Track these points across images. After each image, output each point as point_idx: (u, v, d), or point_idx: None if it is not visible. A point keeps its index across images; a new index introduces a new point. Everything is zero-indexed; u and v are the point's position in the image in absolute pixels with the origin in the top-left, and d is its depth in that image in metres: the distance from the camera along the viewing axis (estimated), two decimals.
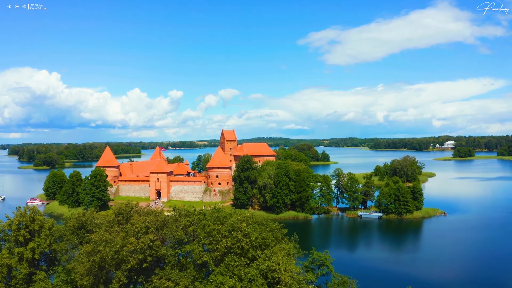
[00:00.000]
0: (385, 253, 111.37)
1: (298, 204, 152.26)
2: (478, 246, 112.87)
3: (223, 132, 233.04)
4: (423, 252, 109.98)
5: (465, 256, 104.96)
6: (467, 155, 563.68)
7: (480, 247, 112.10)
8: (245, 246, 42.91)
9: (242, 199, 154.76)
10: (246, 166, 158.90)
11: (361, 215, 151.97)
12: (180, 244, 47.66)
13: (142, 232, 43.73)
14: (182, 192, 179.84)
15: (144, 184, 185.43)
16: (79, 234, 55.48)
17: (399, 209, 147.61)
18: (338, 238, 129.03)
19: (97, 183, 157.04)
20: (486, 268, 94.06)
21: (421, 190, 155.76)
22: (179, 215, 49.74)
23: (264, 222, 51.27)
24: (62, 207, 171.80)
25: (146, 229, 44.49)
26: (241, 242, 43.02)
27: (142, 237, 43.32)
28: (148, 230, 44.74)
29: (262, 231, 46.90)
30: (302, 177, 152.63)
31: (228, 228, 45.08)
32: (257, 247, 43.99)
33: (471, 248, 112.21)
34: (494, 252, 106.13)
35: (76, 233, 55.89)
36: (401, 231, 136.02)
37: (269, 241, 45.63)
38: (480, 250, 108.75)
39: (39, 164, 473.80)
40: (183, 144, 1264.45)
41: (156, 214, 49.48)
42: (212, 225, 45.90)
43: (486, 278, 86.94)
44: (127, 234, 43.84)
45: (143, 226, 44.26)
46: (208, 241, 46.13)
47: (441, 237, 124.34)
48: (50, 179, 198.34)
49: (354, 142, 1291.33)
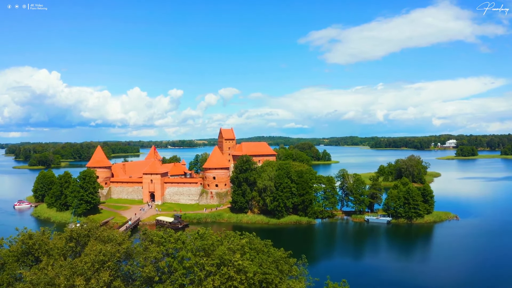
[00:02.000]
0: (394, 262, 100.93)
1: (300, 207, 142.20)
2: (496, 254, 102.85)
3: (221, 131, 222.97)
4: (435, 261, 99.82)
5: (482, 266, 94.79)
6: (470, 154, 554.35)
7: (498, 255, 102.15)
8: (240, 286, 31.94)
9: (241, 202, 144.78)
10: (245, 167, 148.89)
11: (368, 220, 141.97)
12: (150, 284, 36.08)
13: (94, 269, 32.32)
14: (177, 194, 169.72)
15: (137, 185, 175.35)
16: (26, 262, 43.46)
17: (409, 213, 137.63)
18: (343, 245, 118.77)
19: (86, 185, 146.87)
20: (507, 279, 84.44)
21: (431, 192, 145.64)
22: (150, 242, 38.31)
23: (265, 250, 38.94)
24: (50, 210, 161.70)
25: (101, 264, 33.03)
26: (234, 280, 31.98)
27: (94, 276, 31.81)
28: (104, 265, 33.28)
29: (263, 262, 35.19)
30: (304, 178, 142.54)
31: (216, 262, 33.77)
32: (256, 286, 33.00)
33: (489, 256, 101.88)
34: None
35: (21, 260, 43.32)
36: (412, 237, 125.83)
37: (273, 276, 33.71)
38: (499, 259, 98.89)
39: (34, 163, 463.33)
40: (182, 143, 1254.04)
41: (119, 241, 38.08)
42: (194, 257, 35.31)
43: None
44: (73, 273, 31.99)
45: (97, 260, 32.68)
46: (188, 280, 34.52)
47: (455, 244, 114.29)
48: (39, 180, 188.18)
49: (354, 141, 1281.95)
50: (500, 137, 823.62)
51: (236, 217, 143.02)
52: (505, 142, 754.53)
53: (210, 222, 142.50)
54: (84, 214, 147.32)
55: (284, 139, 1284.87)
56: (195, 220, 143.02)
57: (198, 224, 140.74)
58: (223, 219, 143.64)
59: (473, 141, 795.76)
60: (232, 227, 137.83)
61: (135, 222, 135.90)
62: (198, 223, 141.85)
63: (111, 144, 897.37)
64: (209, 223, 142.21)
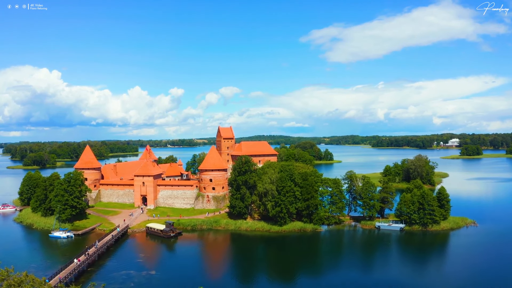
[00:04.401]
0: (408, 276, 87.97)
1: (305, 213, 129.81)
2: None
3: (219, 130, 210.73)
4: (456, 275, 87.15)
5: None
6: (475, 154, 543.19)
7: None
8: None
9: (239, 207, 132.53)
10: (244, 169, 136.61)
11: (379, 226, 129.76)
12: None
13: None
14: (171, 198, 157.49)
15: (128, 188, 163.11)
16: None
17: (424, 220, 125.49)
18: (352, 255, 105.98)
19: (71, 188, 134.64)
20: None
21: (447, 196, 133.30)
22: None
23: None
24: (34, 215, 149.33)
25: None
26: None
27: None
28: None
29: None
30: (309, 181, 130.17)
31: None
32: None
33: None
34: None
35: None
36: (427, 247, 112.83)
37: None
38: None
39: (29, 163, 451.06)
40: (182, 142, 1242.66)
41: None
42: None
43: None
44: None
45: None
46: None
47: (476, 255, 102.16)
48: (25, 182, 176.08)
49: (355, 140, 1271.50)
50: (503, 136, 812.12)
51: (234, 224, 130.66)
52: (509, 141, 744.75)
53: (206, 229, 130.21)
54: (69, 220, 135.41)
55: (284, 138, 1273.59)
56: (190, 227, 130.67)
57: (193, 232, 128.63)
58: (220, 226, 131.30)
59: (476, 140, 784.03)
60: (230, 235, 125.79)
61: (123, 230, 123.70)
62: (193, 230, 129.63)
63: (110, 143, 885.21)
64: (205, 230, 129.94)
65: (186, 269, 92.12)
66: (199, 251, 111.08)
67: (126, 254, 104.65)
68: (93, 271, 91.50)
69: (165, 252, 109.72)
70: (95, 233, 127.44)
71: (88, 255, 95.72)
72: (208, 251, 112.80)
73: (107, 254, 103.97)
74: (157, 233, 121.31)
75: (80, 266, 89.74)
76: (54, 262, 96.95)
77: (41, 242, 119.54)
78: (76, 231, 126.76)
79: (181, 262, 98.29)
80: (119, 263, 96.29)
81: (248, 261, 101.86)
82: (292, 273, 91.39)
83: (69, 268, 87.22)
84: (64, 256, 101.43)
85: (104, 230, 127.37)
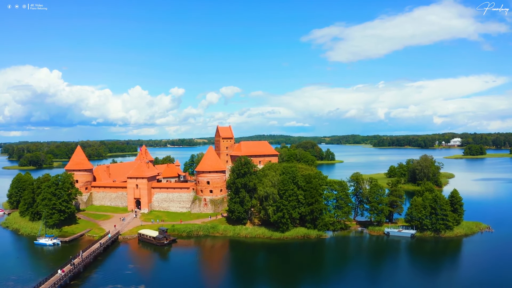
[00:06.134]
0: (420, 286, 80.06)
1: (309, 219, 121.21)
2: None
3: (218, 129, 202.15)
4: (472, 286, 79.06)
5: None
6: (479, 153, 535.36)
7: None
8: None
9: (238, 212, 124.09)
10: (243, 171, 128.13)
11: (388, 233, 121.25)
12: None
13: None
14: (166, 201, 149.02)
15: (121, 191, 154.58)
16: None
17: (436, 225, 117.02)
18: (359, 264, 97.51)
19: (59, 191, 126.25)
20: None
21: (461, 199, 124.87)
22: None
23: None
24: (22, 219, 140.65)
25: None
26: None
27: None
28: None
29: None
30: (313, 184, 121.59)
31: None
32: None
33: None
34: None
35: None
36: (440, 254, 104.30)
37: None
38: None
39: (25, 164, 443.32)
40: (181, 141, 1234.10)
41: None
42: None
43: None
44: None
45: None
46: None
47: (494, 263, 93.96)
48: (13, 184, 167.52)
49: (356, 140, 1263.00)
50: (505, 135, 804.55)
51: (233, 230, 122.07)
52: (511, 140, 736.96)
53: (203, 236, 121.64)
54: (57, 226, 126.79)
55: (285, 138, 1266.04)
56: (185, 233, 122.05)
57: (188, 238, 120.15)
58: (218, 232, 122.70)
59: (478, 139, 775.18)
60: (229, 242, 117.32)
61: (113, 237, 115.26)
62: (189, 236, 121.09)
63: (108, 143, 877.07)
64: (202, 237, 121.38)
65: (179, 282, 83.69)
66: (195, 261, 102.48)
67: (114, 265, 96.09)
68: (76, 284, 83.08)
69: (158, 262, 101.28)
70: (84, 239, 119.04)
71: (74, 265, 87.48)
72: (205, 260, 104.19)
73: (94, 265, 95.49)
74: (150, 241, 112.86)
75: (62, 279, 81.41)
76: (36, 273, 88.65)
77: (26, 250, 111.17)
78: (64, 237, 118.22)
79: (175, 274, 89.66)
80: (106, 275, 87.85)
81: (248, 271, 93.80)
82: (295, 284, 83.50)
83: (50, 281, 78.91)
84: (48, 266, 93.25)
85: (94, 237, 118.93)
